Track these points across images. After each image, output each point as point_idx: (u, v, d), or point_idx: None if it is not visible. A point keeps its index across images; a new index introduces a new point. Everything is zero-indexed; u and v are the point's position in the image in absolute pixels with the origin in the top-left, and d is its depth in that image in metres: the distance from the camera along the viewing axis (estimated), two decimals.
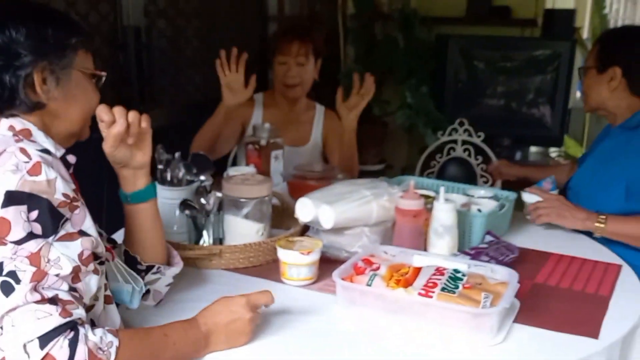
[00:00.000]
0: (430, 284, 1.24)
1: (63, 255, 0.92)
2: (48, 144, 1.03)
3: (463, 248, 1.56)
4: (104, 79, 1.14)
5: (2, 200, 0.90)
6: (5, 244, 0.89)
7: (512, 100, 3.59)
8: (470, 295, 1.21)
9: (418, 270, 1.30)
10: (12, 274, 0.88)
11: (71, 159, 1.07)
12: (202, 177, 1.51)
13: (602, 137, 2.03)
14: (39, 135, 1.03)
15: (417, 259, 1.37)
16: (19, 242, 0.89)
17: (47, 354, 0.86)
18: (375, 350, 1.13)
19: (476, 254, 1.48)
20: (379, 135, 3.78)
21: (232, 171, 1.78)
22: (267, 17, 3.34)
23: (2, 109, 1.02)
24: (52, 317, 0.87)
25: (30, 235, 0.90)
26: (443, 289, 1.22)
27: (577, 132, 4.11)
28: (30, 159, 0.94)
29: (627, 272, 1.51)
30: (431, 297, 1.20)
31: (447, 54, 3.48)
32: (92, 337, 0.90)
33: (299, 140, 2.26)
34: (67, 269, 0.92)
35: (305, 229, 1.59)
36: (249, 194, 1.46)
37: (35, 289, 0.88)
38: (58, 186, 0.94)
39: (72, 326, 0.89)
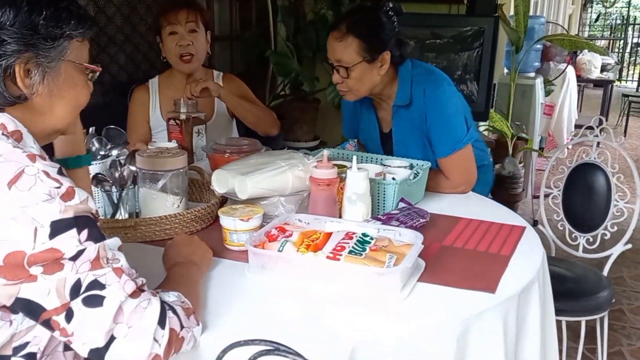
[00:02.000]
0: (339, 248, 1.28)
1: (110, 250, 0.92)
2: (35, 149, 0.94)
3: (376, 215, 1.61)
4: (98, 73, 1.06)
5: (49, 231, 0.84)
6: (63, 266, 0.85)
7: None
8: (376, 256, 1.26)
9: (328, 235, 1.34)
10: (94, 283, 0.87)
11: None
12: (115, 152, 1.50)
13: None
14: (28, 139, 0.95)
15: (330, 226, 1.42)
16: (74, 258, 0.86)
17: (170, 330, 0.92)
18: (284, 313, 1.17)
19: (387, 219, 1.54)
20: (311, 112, 3.82)
21: (152, 146, 1.78)
22: None
23: None
24: (152, 300, 0.92)
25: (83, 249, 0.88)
26: (350, 252, 1.27)
27: (503, 106, 4.24)
28: (61, 184, 0.88)
29: (529, 233, 1.60)
30: (338, 259, 1.25)
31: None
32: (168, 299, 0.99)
33: (205, 115, 2.21)
34: (122, 259, 0.94)
35: (224, 201, 1.61)
36: (163, 166, 1.47)
37: (122, 286, 0.89)
38: (85, 196, 0.91)
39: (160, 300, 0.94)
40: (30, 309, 0.86)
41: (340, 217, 1.57)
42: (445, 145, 1.87)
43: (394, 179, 1.72)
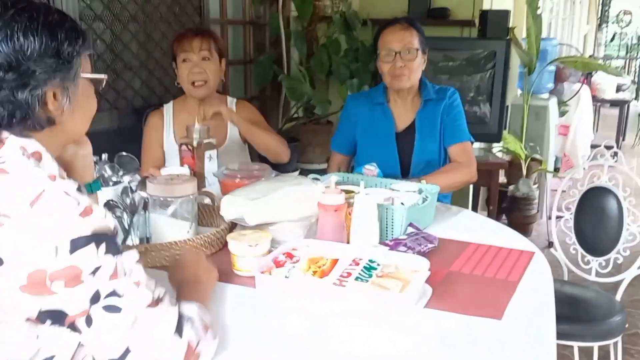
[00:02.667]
0: (345, 274, 1.30)
1: (128, 263, 0.94)
2: (54, 168, 0.96)
3: (384, 240, 1.62)
4: (104, 82, 1.10)
5: (69, 248, 0.87)
6: (83, 281, 0.88)
7: None
8: (382, 283, 1.27)
9: (335, 261, 1.36)
10: (113, 294, 0.89)
11: None
12: (127, 178, 1.54)
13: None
14: (47, 158, 0.96)
15: (337, 252, 1.43)
16: (93, 272, 0.89)
17: (188, 342, 0.94)
18: (291, 337, 1.18)
19: (395, 245, 1.55)
20: (324, 135, 3.85)
21: (164, 172, 1.81)
22: (209, 21, 3.36)
23: (13, 127, 0.95)
24: (170, 311, 0.95)
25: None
26: (357, 278, 1.28)
27: (517, 127, 4.24)
28: (79, 202, 0.90)
29: (538, 259, 1.60)
30: (344, 286, 1.26)
31: None
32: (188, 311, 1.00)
33: (217, 140, 2.24)
34: (140, 271, 0.95)
35: (233, 226, 1.63)
36: (173, 192, 1.50)
37: (139, 297, 0.92)
38: (103, 213, 0.93)
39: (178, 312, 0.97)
40: (55, 316, 0.89)
41: (348, 242, 1.58)
42: (462, 133, 2.17)
43: (402, 204, 1.73)
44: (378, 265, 1.34)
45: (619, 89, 7.78)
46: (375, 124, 2.21)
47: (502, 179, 4.50)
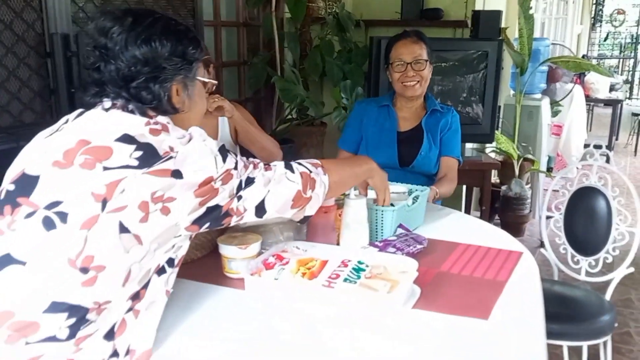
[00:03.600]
0: (334, 276, 1.31)
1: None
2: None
3: (374, 241, 1.64)
4: (214, 87, 1.36)
5: (221, 157, 1.12)
6: (232, 175, 1.14)
7: (447, 99, 3.72)
8: (370, 284, 1.29)
9: (324, 263, 1.37)
10: (248, 180, 1.17)
11: None
12: None
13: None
14: (173, 130, 1.12)
15: (327, 253, 1.44)
16: (236, 167, 1.15)
17: (301, 173, 1.28)
18: (280, 336, 1.19)
19: (384, 246, 1.56)
20: (318, 136, 3.86)
21: None
22: (202, 23, 3.36)
23: (144, 110, 1.15)
24: (278, 164, 1.27)
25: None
26: (345, 280, 1.30)
27: (510, 127, 4.27)
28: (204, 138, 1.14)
29: (526, 258, 1.62)
30: (333, 287, 1.27)
31: (381, 55, 3.56)
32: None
33: None
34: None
35: (224, 229, 1.63)
36: None
37: (259, 170, 1.21)
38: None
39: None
40: (214, 211, 1.12)
41: (338, 243, 1.60)
42: (455, 150, 2.36)
43: (392, 204, 1.74)
44: (367, 266, 1.36)
45: (612, 88, 7.82)
46: (380, 122, 2.37)
47: (495, 179, 4.53)
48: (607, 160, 2.21)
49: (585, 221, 2.19)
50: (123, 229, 1.00)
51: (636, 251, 2.13)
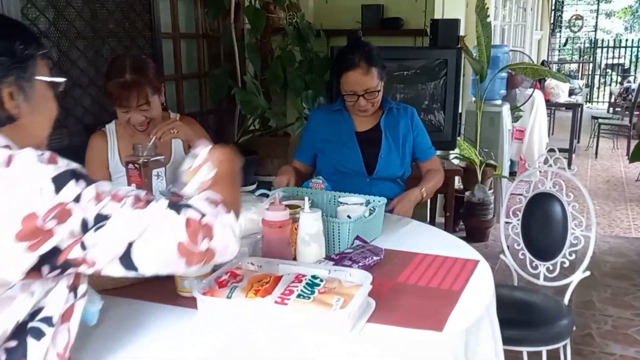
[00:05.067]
0: (287, 292, 1.30)
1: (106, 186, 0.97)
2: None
3: (330, 254, 1.63)
4: (63, 85, 1.14)
5: (54, 187, 0.90)
6: (71, 211, 0.91)
7: None
8: (324, 299, 1.27)
9: (278, 279, 1.36)
10: (99, 217, 0.93)
11: None
12: None
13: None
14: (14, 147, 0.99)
15: (281, 268, 1.43)
16: (77, 199, 0.92)
17: (187, 218, 0.98)
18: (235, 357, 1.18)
19: (340, 259, 1.56)
20: (282, 147, 3.85)
21: None
22: (160, 36, 3.33)
23: None
24: (160, 200, 0.99)
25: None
26: (299, 296, 1.29)
27: (471, 134, 4.31)
28: (42, 153, 0.94)
29: (483, 267, 1.63)
30: (286, 304, 1.26)
31: None
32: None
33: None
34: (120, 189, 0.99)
35: None
36: None
37: (124, 206, 0.95)
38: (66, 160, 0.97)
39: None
40: (52, 258, 0.92)
41: (295, 258, 1.58)
42: (431, 149, 2.43)
43: (349, 216, 1.74)
44: (321, 281, 1.35)
45: (572, 92, 7.98)
46: (335, 127, 2.35)
47: (458, 185, 4.57)
48: (570, 164, 2.24)
49: (542, 226, 2.22)
50: None
51: (591, 255, 2.16)
